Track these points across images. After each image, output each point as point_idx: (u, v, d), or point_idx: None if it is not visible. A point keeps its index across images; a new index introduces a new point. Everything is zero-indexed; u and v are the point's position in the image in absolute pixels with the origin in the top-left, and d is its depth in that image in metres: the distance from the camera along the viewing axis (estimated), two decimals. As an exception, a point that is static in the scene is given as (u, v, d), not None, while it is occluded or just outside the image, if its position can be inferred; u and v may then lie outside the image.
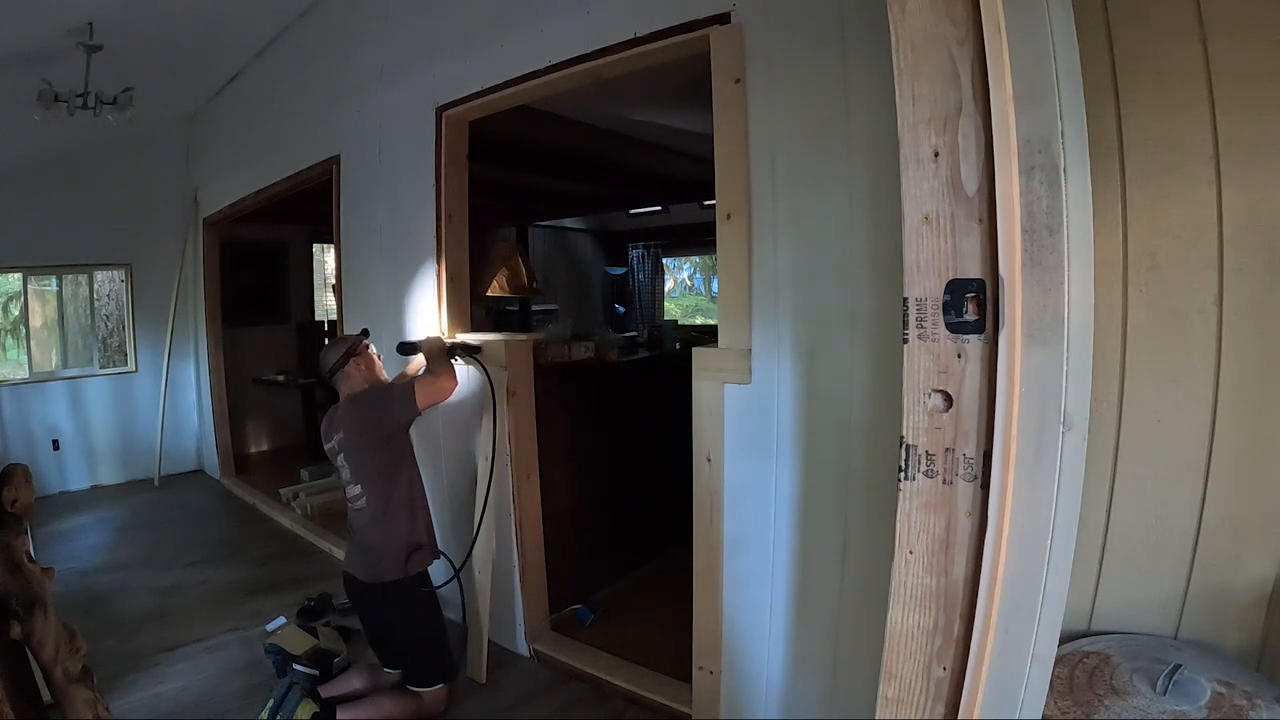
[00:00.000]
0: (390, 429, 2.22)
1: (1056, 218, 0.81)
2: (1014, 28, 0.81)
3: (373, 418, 2.22)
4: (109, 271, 5.50)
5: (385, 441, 2.22)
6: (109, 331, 5.66)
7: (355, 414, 2.25)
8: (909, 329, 0.89)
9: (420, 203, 2.88)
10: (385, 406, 2.23)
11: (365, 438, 2.22)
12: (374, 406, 2.24)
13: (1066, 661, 1.37)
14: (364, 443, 2.22)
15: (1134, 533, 1.50)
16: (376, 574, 2.21)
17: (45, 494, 4.81)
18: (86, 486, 5.23)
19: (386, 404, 2.23)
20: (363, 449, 2.23)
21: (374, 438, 2.21)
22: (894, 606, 0.94)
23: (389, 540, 2.22)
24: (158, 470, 5.40)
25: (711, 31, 1.92)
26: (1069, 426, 0.84)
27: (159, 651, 2.70)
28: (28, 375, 5.19)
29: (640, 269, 8.11)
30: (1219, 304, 1.38)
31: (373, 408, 2.24)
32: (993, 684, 0.88)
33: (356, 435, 2.22)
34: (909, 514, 0.91)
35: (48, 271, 5.27)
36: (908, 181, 0.89)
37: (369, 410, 2.24)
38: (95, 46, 3.33)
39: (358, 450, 2.23)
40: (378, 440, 2.21)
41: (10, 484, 1.65)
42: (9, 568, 1.61)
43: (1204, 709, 1.20)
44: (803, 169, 1.81)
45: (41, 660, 1.63)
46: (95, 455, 5.29)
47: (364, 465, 2.23)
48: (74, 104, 3.49)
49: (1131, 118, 1.44)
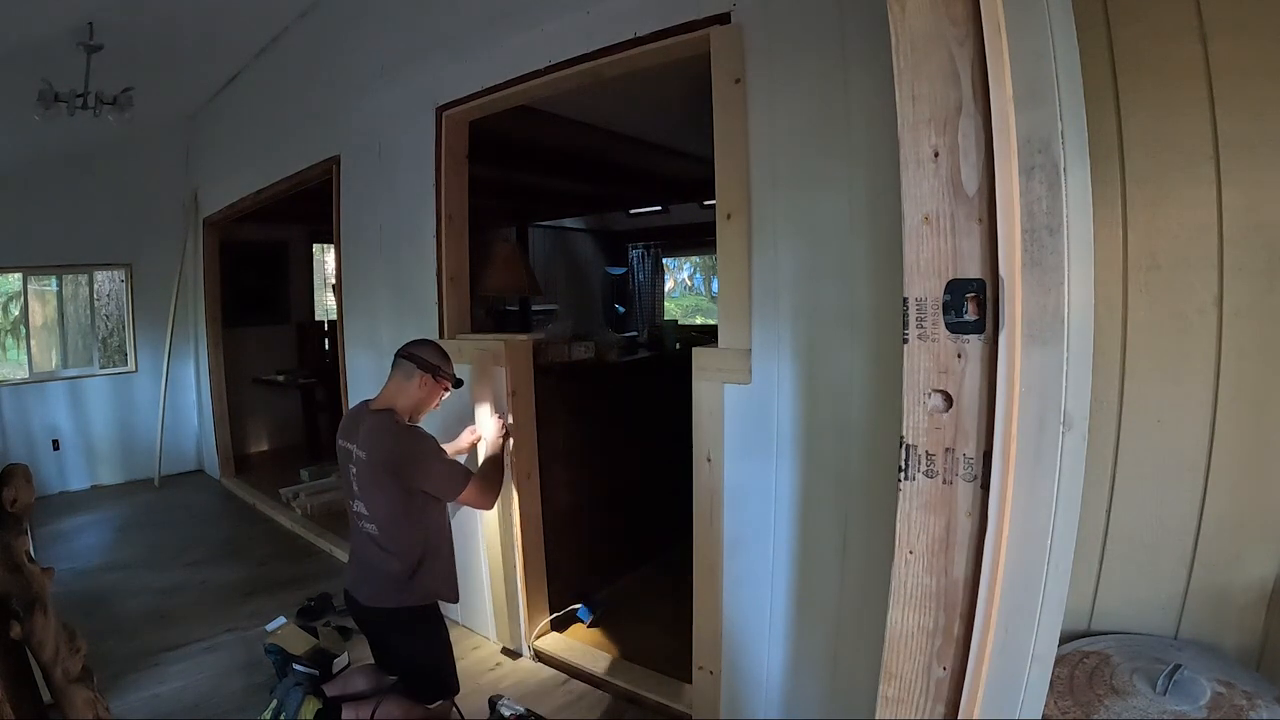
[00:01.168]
0: (415, 490, 2.01)
1: (1056, 218, 0.81)
2: (1014, 28, 0.81)
3: (403, 470, 1.99)
4: (109, 271, 5.51)
5: (407, 494, 2.00)
6: (109, 331, 5.66)
7: (384, 444, 2.00)
8: (909, 329, 0.89)
9: (420, 203, 2.88)
10: (424, 472, 2.00)
11: (386, 478, 1.99)
12: (410, 460, 1.99)
13: (1066, 661, 1.37)
14: (384, 481, 1.99)
15: (1134, 532, 1.50)
16: (379, 600, 2.06)
17: (45, 494, 4.82)
18: (86, 486, 5.23)
19: (425, 471, 2.00)
20: (380, 485, 2.00)
21: (396, 488, 1.99)
22: (894, 606, 0.94)
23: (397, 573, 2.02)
24: (158, 470, 5.40)
25: (711, 31, 1.92)
26: (1069, 426, 0.84)
27: (159, 651, 2.70)
28: (28, 375, 5.19)
29: (640, 269, 8.11)
30: (1219, 304, 1.39)
31: (408, 460, 1.99)
32: (993, 684, 0.88)
33: (377, 468, 1.99)
34: (909, 514, 0.91)
35: (48, 271, 5.27)
36: (908, 181, 0.89)
37: (401, 460, 1.99)
38: (95, 46, 3.33)
39: (374, 483, 2.01)
40: (399, 491, 1.99)
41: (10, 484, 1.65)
42: (9, 568, 1.61)
43: (1204, 709, 1.20)
44: (803, 169, 1.81)
45: (41, 660, 1.63)
46: (95, 455, 5.29)
47: (377, 499, 2.02)
48: (74, 104, 3.49)
49: (1131, 118, 1.44)
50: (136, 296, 5.43)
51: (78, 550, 3.92)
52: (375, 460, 1.99)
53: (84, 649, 1.69)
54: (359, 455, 2.03)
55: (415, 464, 2.00)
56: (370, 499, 2.03)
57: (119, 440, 5.37)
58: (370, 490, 2.02)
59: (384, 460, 1.99)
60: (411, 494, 2.00)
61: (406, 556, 2.02)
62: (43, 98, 3.40)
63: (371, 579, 2.07)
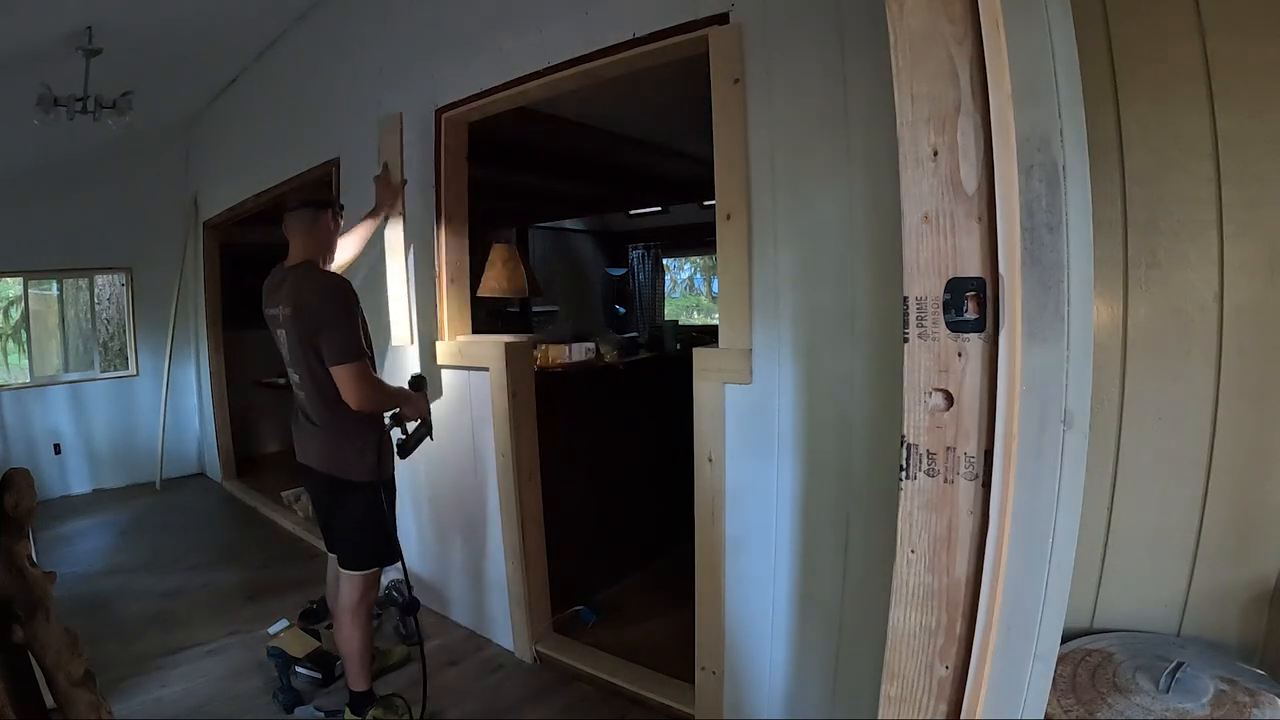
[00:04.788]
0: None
1: (1056, 215, 0.82)
2: (1012, 26, 0.81)
3: (314, 317, 1.97)
4: (109, 275, 5.50)
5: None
6: (110, 335, 5.66)
7: (305, 291, 2.01)
8: (909, 328, 0.89)
9: (420, 204, 2.88)
10: (321, 322, 1.96)
11: (309, 331, 1.98)
12: (320, 307, 1.97)
13: (1069, 659, 1.37)
14: (308, 335, 1.98)
15: (1136, 530, 1.50)
16: (336, 469, 2.11)
17: (47, 498, 4.82)
18: (88, 490, 5.23)
19: (324, 322, 1.96)
20: (304, 340, 1.99)
21: (311, 345, 1.99)
22: (896, 605, 0.94)
23: (340, 438, 2.08)
24: (159, 474, 5.40)
25: (710, 32, 1.92)
26: (1070, 424, 0.84)
27: (161, 655, 2.70)
28: (29, 379, 5.19)
29: (640, 269, 8.11)
30: (1220, 301, 1.38)
31: (319, 307, 1.97)
32: (995, 683, 0.88)
33: (302, 319, 1.98)
34: (910, 513, 0.91)
35: (48, 276, 5.28)
36: (907, 180, 0.89)
37: (316, 306, 1.98)
38: (94, 50, 3.33)
39: (299, 340, 2.00)
40: (314, 348, 1.99)
41: (12, 489, 1.65)
42: (11, 572, 1.61)
43: (1206, 706, 1.20)
44: (802, 168, 1.81)
45: (44, 664, 1.63)
46: (97, 459, 5.29)
47: (302, 360, 2.02)
48: (73, 108, 3.49)
49: (1131, 115, 1.44)
50: (137, 300, 5.43)
51: (80, 554, 3.92)
52: (296, 312, 2.01)
53: (86, 653, 1.69)
54: (285, 314, 2.04)
55: (321, 311, 1.97)
56: (297, 361, 2.05)
57: (120, 444, 5.37)
58: (296, 350, 2.04)
59: (304, 311, 1.99)
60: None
61: (328, 427, 2.09)
62: (42, 102, 3.40)
63: (319, 445, 2.15)
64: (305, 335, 1.99)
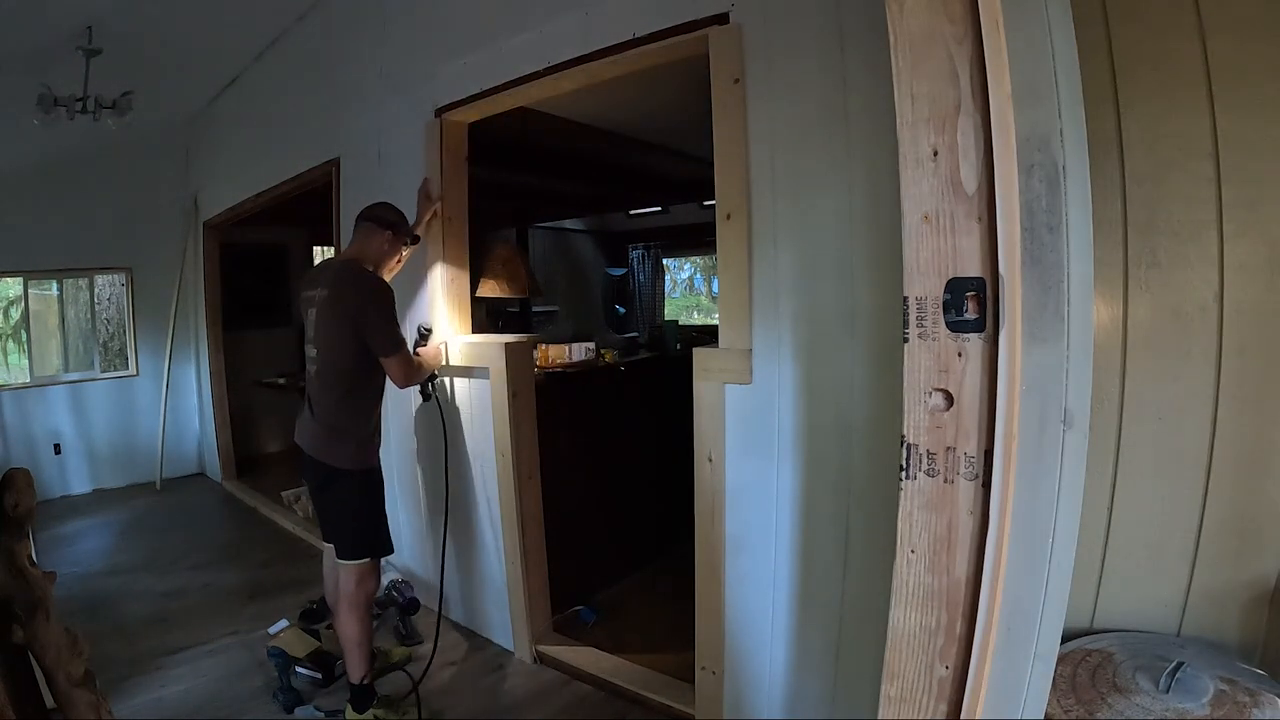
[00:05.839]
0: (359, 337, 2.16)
1: (1056, 215, 0.81)
2: (1012, 26, 0.81)
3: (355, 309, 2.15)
4: (109, 275, 5.51)
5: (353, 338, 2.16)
6: (110, 335, 5.67)
7: (346, 282, 2.19)
8: (909, 328, 0.89)
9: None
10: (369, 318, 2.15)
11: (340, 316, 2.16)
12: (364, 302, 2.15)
13: (1069, 659, 1.37)
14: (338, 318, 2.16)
15: (1136, 530, 1.50)
16: (326, 456, 2.22)
17: (47, 498, 4.83)
18: (88, 490, 5.23)
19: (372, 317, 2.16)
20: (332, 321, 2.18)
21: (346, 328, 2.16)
22: (896, 605, 0.94)
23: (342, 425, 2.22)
24: (159, 474, 5.41)
25: (710, 32, 1.92)
26: (1070, 424, 0.84)
27: (161, 655, 2.70)
28: (29, 379, 5.19)
29: (640, 270, 8.12)
30: (1219, 301, 1.38)
31: (363, 302, 2.16)
32: (995, 683, 0.88)
33: (335, 303, 2.16)
34: (910, 513, 0.91)
35: (48, 276, 5.28)
36: (907, 180, 0.89)
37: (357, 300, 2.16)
38: (94, 50, 3.34)
39: (327, 320, 2.18)
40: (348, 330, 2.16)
41: (12, 489, 1.65)
42: (11, 572, 1.61)
43: (1206, 706, 1.20)
44: (802, 169, 1.81)
45: (44, 664, 1.63)
46: (97, 459, 5.29)
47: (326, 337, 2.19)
48: (73, 108, 3.49)
49: (1131, 115, 1.44)
50: (137, 300, 5.43)
51: (80, 554, 3.92)
52: (334, 296, 2.17)
53: (86, 653, 1.69)
54: (320, 295, 2.21)
55: (367, 307, 2.15)
56: (320, 337, 2.21)
57: (120, 444, 5.37)
58: (321, 328, 2.21)
59: (342, 296, 2.16)
60: (356, 339, 2.16)
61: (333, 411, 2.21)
62: (42, 102, 3.40)
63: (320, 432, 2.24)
64: (334, 317, 2.17)
